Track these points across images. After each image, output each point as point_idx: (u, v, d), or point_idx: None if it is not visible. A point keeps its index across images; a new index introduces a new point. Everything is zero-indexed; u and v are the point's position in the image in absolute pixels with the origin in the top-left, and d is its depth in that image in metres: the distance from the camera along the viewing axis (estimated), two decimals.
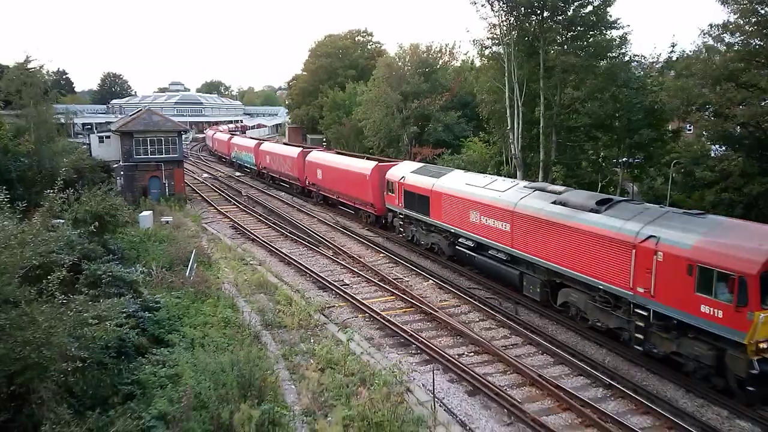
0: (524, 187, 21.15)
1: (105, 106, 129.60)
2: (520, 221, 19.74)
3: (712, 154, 28.72)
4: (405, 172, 28.34)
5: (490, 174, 30.09)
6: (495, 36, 35.28)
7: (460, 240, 23.85)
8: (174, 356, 14.17)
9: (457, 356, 16.28)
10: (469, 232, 22.90)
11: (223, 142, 74.08)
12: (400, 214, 28.97)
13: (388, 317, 19.13)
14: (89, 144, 45.07)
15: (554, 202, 18.79)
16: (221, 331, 16.87)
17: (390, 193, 29.49)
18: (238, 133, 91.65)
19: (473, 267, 23.81)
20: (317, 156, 41.54)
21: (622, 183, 36.08)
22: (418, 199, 26.48)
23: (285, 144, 59.68)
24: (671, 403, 13.95)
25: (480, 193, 22.21)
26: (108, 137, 43.77)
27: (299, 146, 50.90)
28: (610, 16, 32.77)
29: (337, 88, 73.06)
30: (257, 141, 59.84)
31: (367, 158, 38.07)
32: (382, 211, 31.57)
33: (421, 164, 30.51)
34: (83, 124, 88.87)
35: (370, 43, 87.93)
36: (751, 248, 13.12)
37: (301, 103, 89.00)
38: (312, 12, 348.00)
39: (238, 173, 61.24)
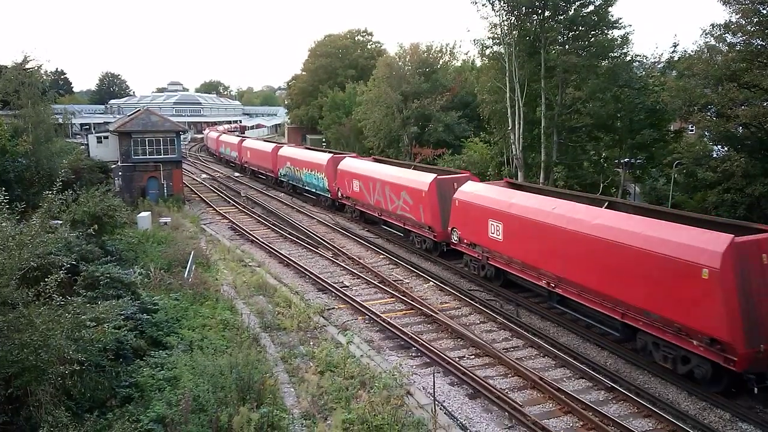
0: None
1: (103, 107, 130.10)
2: None
3: (714, 155, 28.57)
4: None
5: None
6: (496, 36, 35.24)
7: None
8: (172, 359, 14.09)
9: (457, 359, 16.17)
10: None
11: (262, 153, 52.38)
12: None
13: (389, 319, 19.02)
14: (87, 144, 44.98)
15: None
16: (220, 333, 16.77)
17: None
18: (293, 144, 62.39)
19: None
20: (480, 194, 22.50)
21: (624, 184, 36.00)
22: None
23: (382, 161, 36.09)
24: (673, 406, 13.88)
25: None
26: (106, 137, 43.71)
27: (426, 169, 30.23)
28: (612, 16, 32.76)
29: (337, 88, 73.13)
30: (331, 155, 39.20)
31: (674, 216, 16.73)
32: (749, 360, 13.16)
33: None
34: (81, 125, 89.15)
35: (370, 43, 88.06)
36: None
37: (301, 103, 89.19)
38: (312, 12, 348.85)
39: (237, 174, 60.90)
